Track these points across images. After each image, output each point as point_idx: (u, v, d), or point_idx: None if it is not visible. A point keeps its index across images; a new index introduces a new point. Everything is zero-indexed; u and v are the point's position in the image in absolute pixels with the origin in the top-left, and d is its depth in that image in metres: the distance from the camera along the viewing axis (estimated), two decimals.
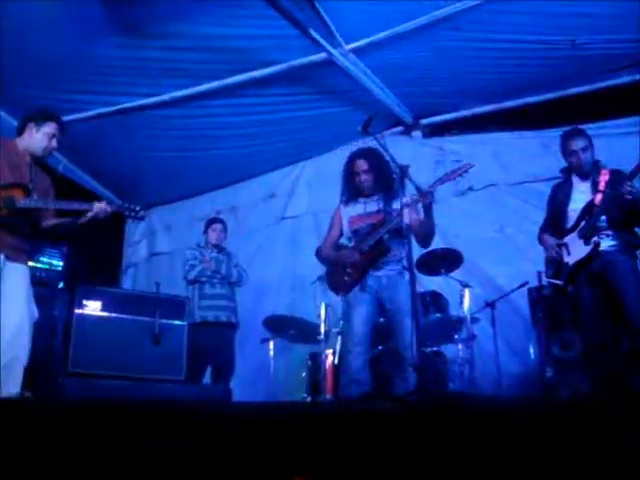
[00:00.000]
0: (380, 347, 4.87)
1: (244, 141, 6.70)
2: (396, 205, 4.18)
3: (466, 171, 3.96)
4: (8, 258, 3.63)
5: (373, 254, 4.14)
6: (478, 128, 6.33)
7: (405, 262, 4.14)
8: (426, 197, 3.92)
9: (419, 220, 4.13)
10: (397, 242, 4.15)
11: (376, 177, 4.27)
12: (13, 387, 3.48)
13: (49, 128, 3.87)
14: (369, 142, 4.19)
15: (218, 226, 6.05)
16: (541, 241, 4.49)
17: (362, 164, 4.29)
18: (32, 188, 3.76)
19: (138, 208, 4.04)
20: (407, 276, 4.11)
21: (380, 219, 4.18)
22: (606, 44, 5.06)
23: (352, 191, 4.38)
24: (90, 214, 3.80)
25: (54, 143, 3.92)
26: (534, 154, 5.88)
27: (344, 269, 4.21)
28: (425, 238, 4.22)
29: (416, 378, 3.73)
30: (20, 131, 3.90)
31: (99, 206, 3.81)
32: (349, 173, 4.37)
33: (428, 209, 4.01)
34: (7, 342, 3.49)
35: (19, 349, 3.55)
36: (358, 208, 4.34)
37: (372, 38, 5.12)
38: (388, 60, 5.44)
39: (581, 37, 4.98)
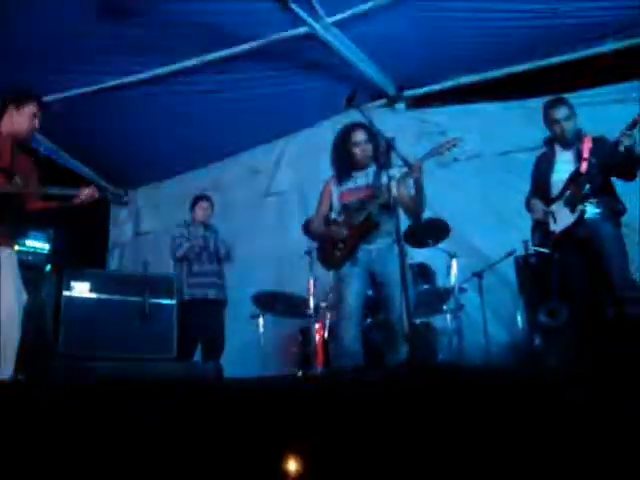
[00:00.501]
0: (369, 319, 4.90)
1: (226, 118, 6.64)
2: (385, 178, 4.16)
3: (454, 145, 3.96)
4: None
5: (363, 229, 4.13)
6: (462, 99, 6.32)
7: (394, 235, 4.15)
8: (414, 171, 3.91)
9: (409, 195, 4.13)
10: (386, 216, 4.15)
11: (374, 148, 4.23)
12: (6, 370, 3.48)
13: (30, 108, 3.81)
14: (355, 116, 4.18)
15: (205, 203, 6.02)
16: (529, 207, 4.50)
17: (362, 134, 4.22)
18: (14, 172, 3.71)
19: (122, 193, 4.01)
20: (396, 249, 4.12)
21: (369, 194, 4.16)
22: (589, 12, 5.06)
23: (346, 165, 4.30)
24: (77, 200, 3.77)
25: (36, 123, 3.87)
26: (518, 124, 5.88)
27: (335, 245, 4.20)
28: (416, 212, 4.22)
29: (407, 349, 3.77)
30: None
31: (87, 193, 3.78)
32: (344, 144, 4.29)
33: (418, 183, 4.00)
34: None
35: (10, 332, 3.54)
36: (349, 183, 4.30)
37: (353, 10, 5.08)
38: (370, 32, 5.40)
39: (563, 5, 4.97)
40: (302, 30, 5.25)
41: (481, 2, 5.00)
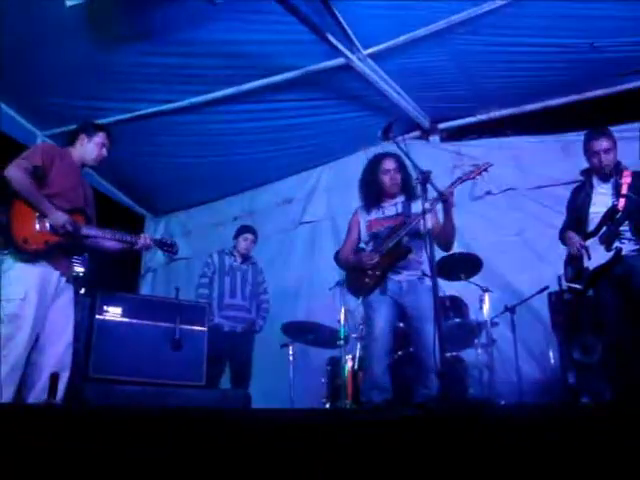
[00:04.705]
0: (399, 352, 4.85)
1: (261, 146, 6.72)
2: (415, 209, 4.16)
3: (485, 170, 3.93)
4: (65, 279, 3.82)
5: (393, 256, 4.12)
6: (496, 132, 6.32)
7: (424, 267, 4.12)
8: (446, 198, 3.89)
9: (439, 224, 4.12)
10: (416, 245, 4.13)
11: (403, 178, 4.27)
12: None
13: (100, 138, 4.07)
14: (388, 147, 4.19)
15: (249, 235, 6.03)
16: (563, 239, 4.41)
17: (392, 163, 4.28)
18: (88, 213, 3.97)
19: (174, 243, 4.29)
20: (427, 281, 4.10)
21: (399, 222, 4.16)
22: (626, 47, 5.03)
23: (375, 193, 4.34)
24: (136, 247, 4.02)
25: (104, 152, 4.11)
26: (553, 158, 5.85)
27: (364, 272, 4.18)
28: (446, 242, 4.19)
29: (438, 384, 3.72)
30: (71, 142, 4.08)
31: (144, 242, 4.03)
32: (374, 172, 4.34)
33: (448, 211, 3.98)
34: (58, 356, 3.69)
35: (64, 367, 3.71)
36: (377, 212, 4.32)
37: (390, 43, 5.13)
38: (406, 65, 5.45)
39: (600, 40, 4.95)
40: (338, 61, 5.30)
41: (517, 36, 4.99)
